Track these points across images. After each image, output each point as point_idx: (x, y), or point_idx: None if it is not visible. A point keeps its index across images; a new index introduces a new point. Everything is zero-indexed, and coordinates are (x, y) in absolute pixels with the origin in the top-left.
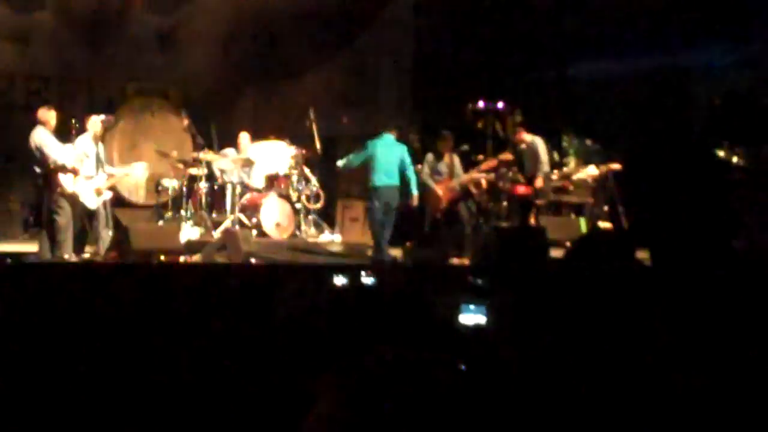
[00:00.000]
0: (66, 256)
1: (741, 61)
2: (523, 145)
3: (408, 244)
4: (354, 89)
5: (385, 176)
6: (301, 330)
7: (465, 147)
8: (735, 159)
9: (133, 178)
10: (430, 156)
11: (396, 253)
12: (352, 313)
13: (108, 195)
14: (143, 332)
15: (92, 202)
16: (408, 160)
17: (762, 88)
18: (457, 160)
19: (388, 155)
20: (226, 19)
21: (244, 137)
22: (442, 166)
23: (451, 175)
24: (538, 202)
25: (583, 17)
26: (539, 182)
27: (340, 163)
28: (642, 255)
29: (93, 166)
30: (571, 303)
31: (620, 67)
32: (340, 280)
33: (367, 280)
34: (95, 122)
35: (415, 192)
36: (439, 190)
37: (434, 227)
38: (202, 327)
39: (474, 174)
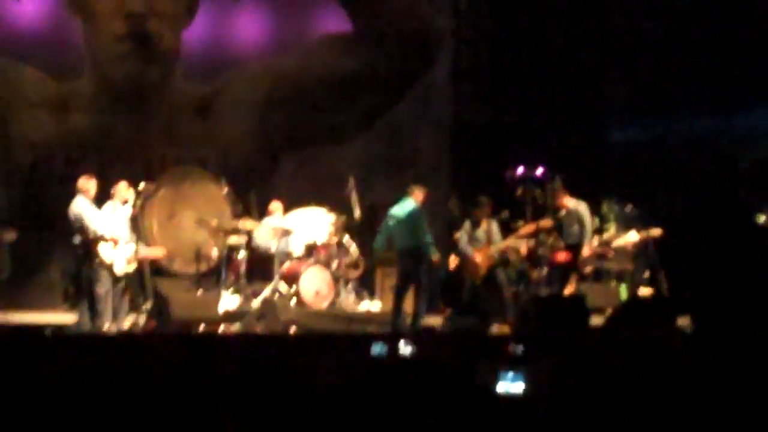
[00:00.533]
0: (106, 326)
1: None
2: (564, 211)
3: (447, 311)
4: (392, 156)
5: (397, 240)
6: (342, 399)
7: (505, 214)
8: None
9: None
10: (467, 224)
11: (435, 320)
12: (391, 382)
13: (133, 266)
14: (183, 402)
15: (120, 268)
16: (414, 219)
17: None
18: (495, 226)
19: (400, 219)
20: (264, 87)
21: (275, 205)
22: (480, 233)
23: (489, 242)
24: (587, 269)
25: (624, 80)
26: (586, 250)
27: (375, 246)
28: (683, 322)
29: (123, 231)
30: (612, 370)
31: (660, 131)
32: (378, 349)
33: (406, 349)
34: (122, 188)
35: (428, 253)
36: (478, 257)
37: (473, 295)
38: (242, 397)
39: (512, 241)
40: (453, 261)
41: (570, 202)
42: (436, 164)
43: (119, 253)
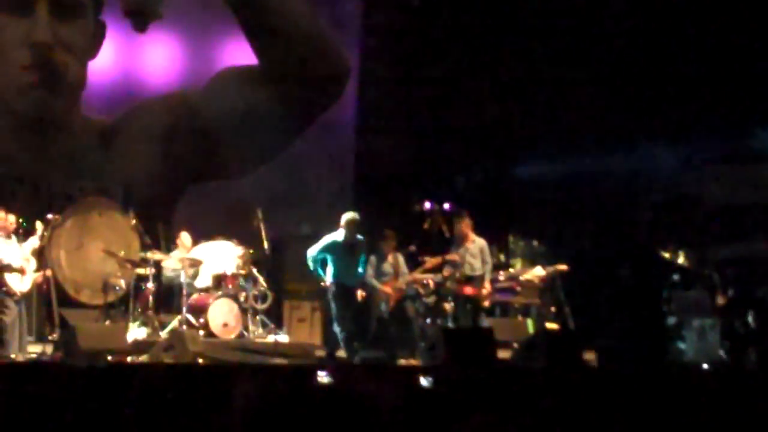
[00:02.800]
0: (12, 356)
1: (686, 163)
2: (470, 244)
3: (356, 344)
4: (295, 189)
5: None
6: (255, 426)
7: (412, 248)
8: (680, 260)
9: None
10: (372, 258)
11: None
12: (303, 411)
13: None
14: None
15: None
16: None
17: (707, 190)
18: (401, 259)
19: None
20: (168, 119)
21: (185, 237)
22: (387, 266)
23: (396, 275)
24: (486, 303)
25: (531, 117)
26: (488, 284)
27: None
28: (589, 356)
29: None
30: (517, 403)
31: (566, 168)
32: (289, 380)
33: (321, 379)
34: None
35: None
36: (386, 289)
37: (382, 327)
38: (151, 427)
39: (418, 274)
40: (359, 295)
41: (473, 236)
42: (338, 197)
43: (24, 283)
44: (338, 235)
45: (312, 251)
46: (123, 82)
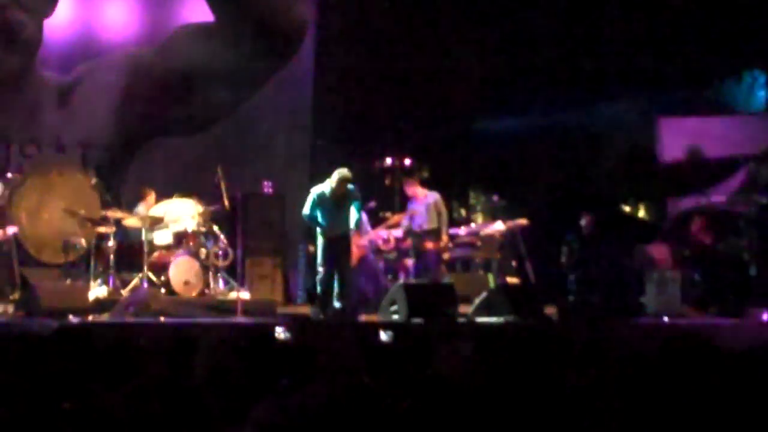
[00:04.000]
0: None
1: (645, 117)
2: (423, 199)
3: (317, 300)
4: (250, 146)
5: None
6: (214, 386)
7: (372, 204)
8: (641, 213)
9: None
10: None
11: (306, 309)
12: (264, 368)
13: None
14: (53, 395)
15: None
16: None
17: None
18: (365, 216)
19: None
20: (124, 77)
21: (149, 195)
22: None
23: (359, 232)
24: (445, 256)
25: (489, 72)
26: (446, 237)
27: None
28: (550, 310)
29: None
30: (479, 356)
31: (526, 123)
32: (252, 336)
33: (279, 335)
34: None
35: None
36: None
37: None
38: (115, 386)
39: (382, 230)
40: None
41: (425, 192)
42: (296, 154)
43: None
44: (325, 186)
45: (305, 211)
46: (80, 40)
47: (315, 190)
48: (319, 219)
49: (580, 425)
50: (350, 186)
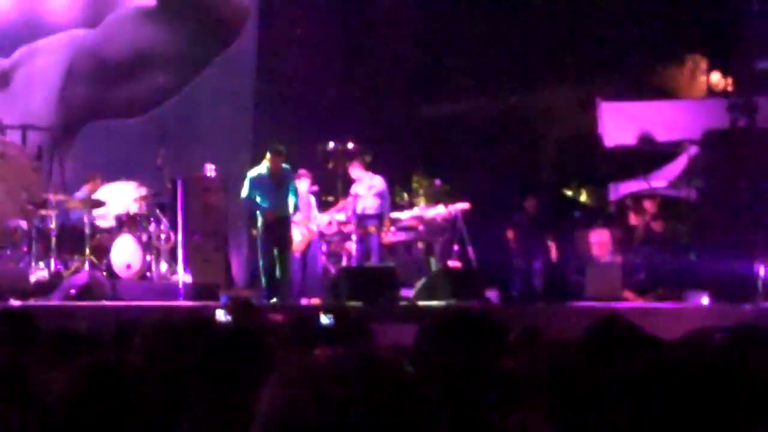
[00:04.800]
0: None
1: (587, 101)
2: (368, 182)
3: (266, 289)
4: (192, 130)
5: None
6: (153, 369)
7: (314, 188)
8: (582, 198)
9: None
10: None
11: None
12: (203, 350)
13: None
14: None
15: None
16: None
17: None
18: (313, 200)
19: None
20: (66, 59)
21: (95, 180)
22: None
23: (308, 217)
24: (387, 241)
25: (434, 59)
26: (388, 222)
27: None
28: (490, 293)
29: None
30: (419, 341)
31: (469, 107)
32: (193, 319)
33: (221, 318)
34: None
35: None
36: (302, 231)
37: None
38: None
39: (333, 215)
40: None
41: (368, 175)
42: (238, 138)
43: None
44: (261, 167)
45: (243, 194)
46: (21, 22)
47: (251, 173)
48: (258, 201)
49: (515, 410)
50: (285, 165)
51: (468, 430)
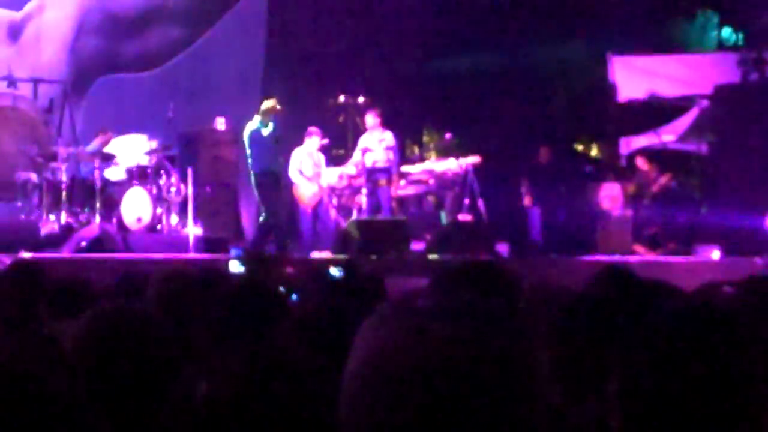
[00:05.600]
0: None
1: (599, 55)
2: (379, 136)
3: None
4: (204, 84)
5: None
6: (168, 320)
7: (325, 141)
8: (593, 152)
9: None
10: (295, 153)
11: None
12: (216, 302)
13: None
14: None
15: None
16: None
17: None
18: (323, 157)
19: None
20: (76, 12)
21: (107, 134)
22: (310, 163)
23: (319, 172)
24: (398, 194)
25: (444, 12)
26: (398, 176)
27: None
28: (501, 247)
29: None
30: (430, 294)
31: (478, 62)
32: (205, 270)
33: (234, 269)
34: None
35: None
36: (313, 186)
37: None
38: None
39: (346, 169)
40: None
41: (381, 129)
42: (248, 91)
43: None
44: (254, 123)
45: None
46: None
47: (246, 128)
48: (253, 156)
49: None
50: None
51: None
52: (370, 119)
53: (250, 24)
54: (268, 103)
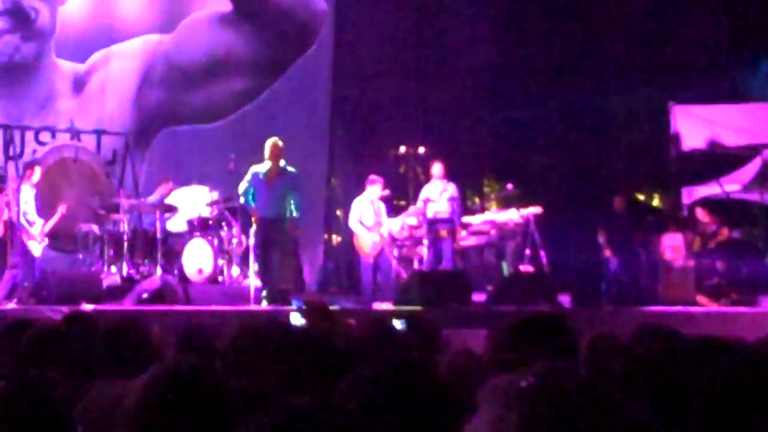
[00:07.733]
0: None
1: (660, 107)
2: (443, 187)
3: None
4: (269, 134)
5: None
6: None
7: (386, 192)
8: (655, 202)
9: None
10: (357, 203)
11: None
12: (278, 352)
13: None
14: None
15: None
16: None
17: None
18: (383, 206)
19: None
20: (141, 64)
21: (168, 184)
22: (370, 212)
23: (379, 222)
24: (460, 246)
25: (505, 63)
26: (460, 227)
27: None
28: (563, 298)
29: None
30: (490, 345)
31: (540, 112)
32: (266, 323)
33: (296, 321)
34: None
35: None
36: (374, 237)
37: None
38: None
39: (405, 220)
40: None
41: (444, 180)
42: (313, 143)
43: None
44: (261, 165)
45: (240, 187)
46: (96, 27)
47: (252, 169)
48: (251, 199)
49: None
50: (291, 168)
51: None
52: (437, 169)
53: (315, 75)
54: (269, 142)
